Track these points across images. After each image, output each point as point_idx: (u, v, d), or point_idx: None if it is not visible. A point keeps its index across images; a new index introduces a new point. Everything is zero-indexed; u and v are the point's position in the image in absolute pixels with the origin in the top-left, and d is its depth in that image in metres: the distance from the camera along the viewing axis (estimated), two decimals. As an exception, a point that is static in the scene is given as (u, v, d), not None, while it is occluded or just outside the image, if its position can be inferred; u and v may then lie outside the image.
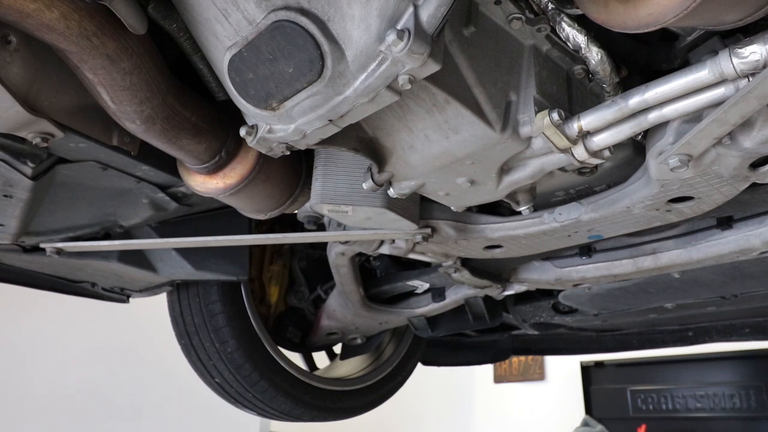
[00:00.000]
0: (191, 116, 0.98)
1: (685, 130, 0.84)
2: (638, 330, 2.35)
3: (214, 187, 1.12)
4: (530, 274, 1.63)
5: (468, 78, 0.81)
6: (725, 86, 0.74)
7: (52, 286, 1.73)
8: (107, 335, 3.69)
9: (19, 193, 1.13)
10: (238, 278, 1.75)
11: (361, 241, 1.41)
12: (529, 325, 2.15)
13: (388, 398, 2.39)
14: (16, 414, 3.16)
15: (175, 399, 3.80)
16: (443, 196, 1.09)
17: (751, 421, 4.53)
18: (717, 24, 0.74)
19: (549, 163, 0.93)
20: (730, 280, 1.53)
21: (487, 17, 0.83)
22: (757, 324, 2.04)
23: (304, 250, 2.10)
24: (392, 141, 0.94)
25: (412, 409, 5.24)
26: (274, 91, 0.75)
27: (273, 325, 2.04)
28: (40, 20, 0.72)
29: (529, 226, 1.24)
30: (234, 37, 0.74)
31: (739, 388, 4.64)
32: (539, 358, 5.84)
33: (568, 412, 5.34)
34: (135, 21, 0.77)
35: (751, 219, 1.24)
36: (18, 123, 0.87)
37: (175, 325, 1.88)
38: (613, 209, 1.09)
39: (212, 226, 1.55)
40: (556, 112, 0.83)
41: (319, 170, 1.15)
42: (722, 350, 4.47)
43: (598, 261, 1.49)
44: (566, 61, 0.93)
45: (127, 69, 0.83)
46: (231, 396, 1.90)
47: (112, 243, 1.45)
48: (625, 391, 5.09)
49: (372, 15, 0.66)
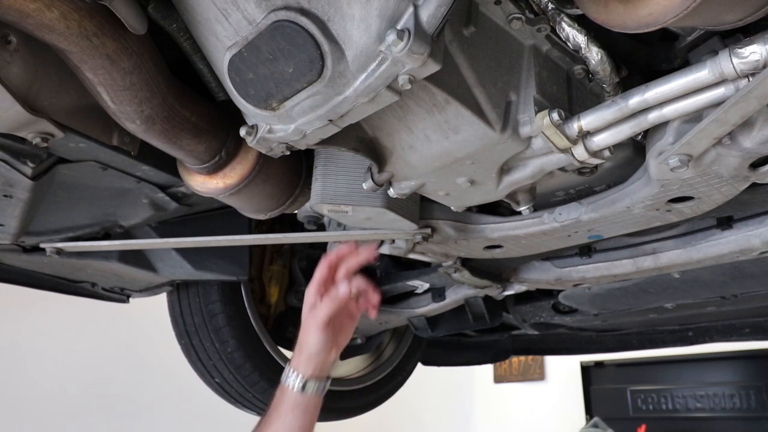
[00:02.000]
0: (191, 116, 0.98)
1: (685, 130, 0.84)
2: (638, 330, 2.35)
3: (214, 187, 1.12)
4: (530, 274, 1.63)
5: (468, 78, 0.81)
6: (725, 86, 0.74)
7: (52, 286, 1.73)
8: (107, 335, 3.69)
9: (19, 193, 1.13)
10: (238, 278, 1.76)
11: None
12: (529, 325, 2.15)
13: (388, 398, 2.39)
14: (15, 414, 3.16)
15: (175, 399, 3.80)
16: (443, 196, 1.09)
17: (751, 421, 4.53)
18: (717, 24, 0.74)
19: (549, 163, 0.93)
20: (730, 280, 1.53)
21: (487, 17, 0.83)
22: (757, 324, 2.04)
23: (304, 250, 2.10)
24: (392, 141, 0.94)
25: (412, 409, 5.24)
26: (274, 91, 0.75)
27: (273, 325, 2.04)
28: (40, 20, 0.72)
29: (529, 226, 1.24)
30: (234, 37, 0.74)
31: (739, 388, 4.63)
32: (539, 358, 5.84)
33: (568, 412, 5.34)
34: (135, 21, 0.77)
35: (751, 219, 1.24)
36: (18, 123, 0.87)
37: (175, 325, 1.88)
38: (613, 209, 1.09)
39: (212, 226, 1.55)
40: (556, 112, 0.83)
41: (319, 170, 1.15)
42: (722, 350, 4.46)
43: (598, 261, 1.49)
44: (566, 61, 0.93)
45: (127, 69, 0.83)
46: (231, 396, 1.90)
47: (112, 243, 1.45)
48: (625, 391, 5.09)
49: (372, 15, 0.66)
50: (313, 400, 1.09)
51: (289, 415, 1.07)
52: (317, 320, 1.08)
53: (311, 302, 1.11)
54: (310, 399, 1.09)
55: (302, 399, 1.08)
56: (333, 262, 1.12)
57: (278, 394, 1.11)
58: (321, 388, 1.10)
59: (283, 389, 1.10)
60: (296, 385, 1.08)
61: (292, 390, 1.08)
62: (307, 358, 1.09)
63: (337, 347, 1.12)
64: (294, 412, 1.07)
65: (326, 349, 1.09)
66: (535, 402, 5.80)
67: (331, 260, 1.12)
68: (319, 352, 1.08)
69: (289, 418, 1.07)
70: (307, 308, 1.11)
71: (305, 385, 1.08)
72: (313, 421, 1.10)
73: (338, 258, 1.12)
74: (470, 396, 6.31)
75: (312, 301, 1.11)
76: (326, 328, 1.08)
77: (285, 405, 1.08)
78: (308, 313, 1.10)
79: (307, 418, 1.08)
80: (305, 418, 1.08)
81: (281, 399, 1.09)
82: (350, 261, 1.11)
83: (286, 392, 1.09)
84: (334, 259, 1.12)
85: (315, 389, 1.09)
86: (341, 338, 1.13)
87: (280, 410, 1.08)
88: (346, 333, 1.15)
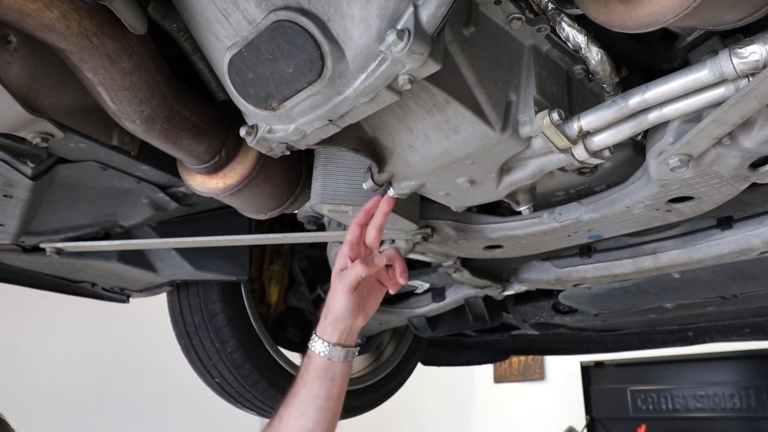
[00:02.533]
0: (191, 116, 0.98)
1: (685, 130, 0.83)
2: (638, 330, 2.35)
3: (214, 187, 1.12)
4: (530, 274, 1.63)
5: (468, 78, 0.81)
6: (725, 86, 0.74)
7: (52, 286, 1.74)
8: (107, 335, 3.69)
9: (19, 193, 1.13)
10: (238, 278, 1.76)
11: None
12: (529, 325, 2.15)
13: (388, 398, 2.39)
14: (15, 414, 3.16)
15: (175, 399, 3.80)
16: (443, 196, 1.09)
17: (751, 421, 4.53)
18: (717, 24, 0.74)
19: (549, 163, 0.93)
20: (730, 280, 1.53)
21: (487, 17, 0.83)
22: (757, 324, 2.04)
23: (304, 250, 2.10)
24: (392, 141, 0.94)
25: (412, 409, 5.24)
26: (274, 91, 0.75)
27: (273, 325, 2.04)
28: (40, 20, 0.72)
29: (529, 226, 1.24)
30: (234, 37, 0.74)
31: (739, 388, 4.63)
32: (539, 358, 5.84)
33: (568, 412, 5.33)
34: (135, 21, 0.77)
35: (751, 219, 1.24)
36: (18, 123, 0.87)
37: (175, 325, 1.88)
38: (613, 209, 1.09)
39: (212, 226, 1.55)
40: (556, 112, 0.83)
41: (319, 170, 1.15)
42: (722, 350, 4.46)
43: (598, 261, 1.49)
44: (566, 61, 0.93)
45: (127, 69, 0.83)
46: (231, 396, 1.90)
47: (112, 243, 1.45)
48: (625, 391, 5.08)
49: (372, 15, 0.66)
50: (340, 368, 1.05)
51: (316, 383, 1.03)
52: (346, 283, 1.03)
53: (341, 264, 1.06)
54: (337, 366, 1.04)
55: (329, 366, 1.04)
56: (363, 220, 1.08)
57: (305, 361, 1.07)
58: (348, 356, 1.06)
59: (309, 355, 1.06)
60: (323, 350, 1.04)
61: (318, 355, 1.04)
62: (333, 321, 1.05)
63: (364, 314, 1.07)
64: (321, 380, 1.03)
65: (353, 313, 1.04)
66: (535, 402, 5.80)
67: (361, 219, 1.08)
68: (345, 316, 1.04)
69: (316, 385, 1.03)
70: (336, 270, 1.07)
71: (331, 350, 1.04)
72: (341, 391, 1.06)
73: (367, 216, 1.08)
74: (470, 396, 6.31)
75: (342, 263, 1.06)
76: (354, 292, 1.04)
77: (312, 372, 1.04)
78: (337, 275, 1.06)
79: (335, 387, 1.04)
80: (333, 386, 1.04)
81: (308, 366, 1.05)
82: (378, 218, 1.06)
83: (312, 358, 1.05)
84: (363, 218, 1.08)
85: (341, 356, 1.05)
86: (369, 305, 1.08)
87: (306, 378, 1.04)
88: (375, 300, 1.10)
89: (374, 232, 1.07)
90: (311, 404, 1.03)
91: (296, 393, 1.05)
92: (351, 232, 1.08)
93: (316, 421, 1.02)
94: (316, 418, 1.02)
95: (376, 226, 1.07)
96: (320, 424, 1.03)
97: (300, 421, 1.02)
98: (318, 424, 1.02)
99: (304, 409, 1.03)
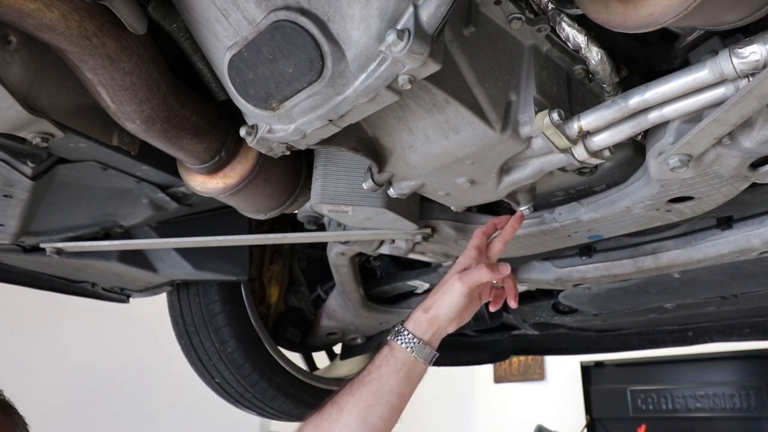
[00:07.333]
0: (191, 116, 0.98)
1: (685, 130, 0.84)
2: (638, 330, 2.34)
3: (214, 187, 1.12)
4: (530, 274, 1.63)
5: (468, 78, 0.81)
6: (725, 86, 0.74)
7: (52, 286, 1.73)
8: (107, 335, 3.69)
9: (19, 193, 1.13)
10: (238, 278, 1.75)
11: (361, 241, 1.41)
12: (529, 325, 2.15)
13: (388, 398, 2.38)
14: (16, 414, 3.16)
15: (175, 399, 3.80)
16: (443, 196, 1.09)
17: (751, 421, 4.53)
18: (717, 24, 0.74)
19: (549, 163, 0.93)
20: (730, 280, 1.53)
21: (487, 17, 0.83)
22: (757, 324, 2.04)
23: (304, 250, 2.10)
24: (392, 141, 0.94)
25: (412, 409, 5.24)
26: (274, 91, 0.75)
27: (273, 325, 2.04)
28: (40, 20, 0.72)
29: (529, 226, 1.24)
30: (234, 37, 0.74)
31: (739, 388, 4.63)
32: (539, 358, 5.84)
33: (568, 412, 5.34)
34: (135, 21, 0.77)
35: (751, 219, 1.24)
36: (18, 123, 0.87)
37: (175, 325, 1.88)
38: (613, 209, 1.09)
39: (212, 226, 1.55)
40: (556, 112, 0.83)
41: (319, 170, 1.15)
42: (722, 350, 4.46)
43: (598, 261, 1.49)
44: (566, 61, 0.93)
45: (127, 69, 0.83)
46: (231, 396, 1.90)
47: (112, 243, 1.45)
48: (625, 391, 5.09)
49: (372, 15, 0.66)
50: (420, 369, 0.98)
51: (393, 378, 0.96)
52: (467, 282, 0.99)
53: (465, 264, 1.03)
54: (418, 367, 0.98)
55: (412, 364, 0.97)
56: (490, 231, 1.07)
57: (385, 351, 0.99)
58: (431, 359, 0.99)
59: (393, 347, 0.99)
60: (412, 345, 0.97)
61: (404, 349, 0.97)
62: (432, 318, 0.99)
63: (458, 320, 1.02)
64: (398, 375, 0.96)
65: (455, 315, 1.00)
66: (535, 402, 5.80)
67: (489, 229, 1.07)
68: (449, 316, 0.99)
69: (393, 380, 0.96)
70: (456, 269, 1.03)
71: (420, 348, 0.97)
72: (410, 394, 0.99)
73: (493, 228, 1.07)
74: (470, 396, 6.31)
75: (466, 263, 1.03)
76: (468, 294, 1.00)
77: (392, 365, 0.97)
78: (455, 274, 1.01)
79: (409, 387, 0.98)
80: (408, 386, 0.97)
81: (388, 358, 0.98)
82: (507, 231, 1.05)
83: (396, 351, 0.98)
84: (491, 229, 1.07)
85: (428, 357, 0.98)
86: (466, 314, 1.03)
87: (384, 370, 0.97)
88: (470, 311, 1.05)
89: (500, 244, 1.06)
90: (382, 399, 0.95)
91: (369, 382, 0.97)
92: (478, 238, 1.07)
93: (383, 419, 0.95)
94: (383, 415, 0.95)
95: (504, 239, 1.06)
96: (386, 423, 0.96)
97: (366, 414, 0.94)
98: (384, 423, 0.95)
99: (374, 401, 0.95)
